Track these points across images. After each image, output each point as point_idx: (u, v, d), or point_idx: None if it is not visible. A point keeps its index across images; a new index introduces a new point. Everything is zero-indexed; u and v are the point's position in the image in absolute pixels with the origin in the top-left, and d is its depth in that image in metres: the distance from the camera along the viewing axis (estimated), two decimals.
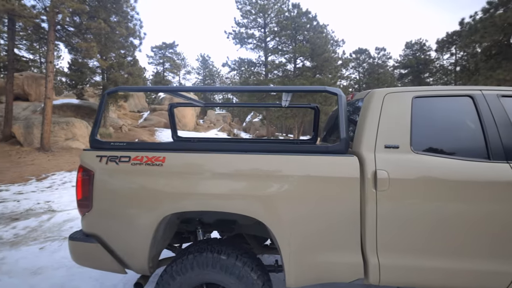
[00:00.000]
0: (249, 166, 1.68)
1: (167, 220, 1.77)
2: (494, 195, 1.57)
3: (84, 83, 18.80)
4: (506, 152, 1.63)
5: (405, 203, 1.61)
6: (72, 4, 11.04)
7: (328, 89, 1.83)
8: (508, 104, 1.73)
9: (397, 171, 1.63)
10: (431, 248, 1.61)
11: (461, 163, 1.62)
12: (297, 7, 21.02)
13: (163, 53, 38.63)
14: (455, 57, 29.03)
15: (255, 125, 32.41)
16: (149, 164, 1.74)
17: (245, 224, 2.13)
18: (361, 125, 1.79)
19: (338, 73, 22.74)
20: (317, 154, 1.68)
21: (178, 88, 2.04)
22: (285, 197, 1.65)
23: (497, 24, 10.16)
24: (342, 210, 1.64)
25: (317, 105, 3.11)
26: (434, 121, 1.76)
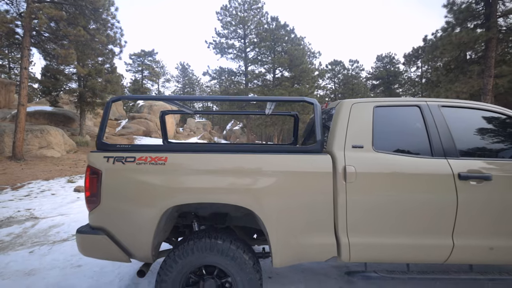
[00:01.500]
0: (242, 164, 1.98)
1: (168, 212, 2.02)
2: (435, 184, 1.98)
3: (58, 90, 18.21)
4: (445, 150, 2.06)
5: (369, 192, 1.98)
6: (50, 11, 10.89)
7: (306, 99, 2.19)
8: (447, 113, 2.18)
9: (362, 166, 2.00)
10: (390, 228, 1.98)
11: (411, 159, 2.03)
12: (275, 20, 21.88)
13: (142, 61, 38.16)
14: (421, 70, 31.33)
15: (236, 133, 32.69)
16: (153, 163, 1.99)
17: (236, 216, 2.42)
18: (333, 129, 2.16)
19: (315, 83, 23.75)
20: (298, 153, 2.02)
21: (177, 97, 2.31)
22: (272, 189, 1.96)
23: (454, 42, 11.35)
24: (318, 199, 1.97)
25: (296, 112, 3.49)
26: (390, 126, 2.17)
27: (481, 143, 2.15)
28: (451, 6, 13.04)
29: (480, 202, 1.96)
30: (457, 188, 1.95)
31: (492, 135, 2.20)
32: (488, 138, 2.18)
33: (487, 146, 2.15)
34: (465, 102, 2.24)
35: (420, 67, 31.16)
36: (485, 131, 2.19)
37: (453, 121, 2.16)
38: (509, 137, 2.21)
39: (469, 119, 2.21)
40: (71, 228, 4.26)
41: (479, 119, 2.22)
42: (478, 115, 2.22)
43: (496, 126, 2.23)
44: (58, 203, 5.89)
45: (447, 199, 1.96)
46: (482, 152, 2.12)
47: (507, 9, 11.88)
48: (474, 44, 12.33)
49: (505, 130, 2.22)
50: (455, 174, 1.97)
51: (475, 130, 2.18)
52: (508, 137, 2.21)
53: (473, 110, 2.22)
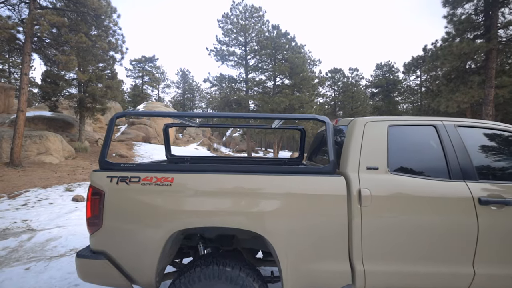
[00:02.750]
0: (252, 185, 1.89)
1: (174, 236, 1.92)
2: (454, 209, 1.89)
3: (58, 95, 18.15)
4: (463, 173, 1.98)
5: (385, 216, 1.89)
6: (52, 18, 10.89)
7: (317, 117, 2.12)
8: (463, 133, 2.11)
9: (378, 189, 1.91)
10: (408, 255, 1.88)
11: (429, 182, 1.95)
12: (276, 28, 22.03)
13: (142, 67, 38.27)
14: (420, 79, 31.51)
15: (235, 139, 32.61)
16: (158, 184, 1.90)
17: (243, 239, 2.31)
18: (346, 149, 2.08)
19: (315, 91, 23.78)
20: (311, 175, 1.93)
21: (182, 114, 2.23)
22: (282, 213, 1.87)
23: (455, 52, 11.40)
24: (332, 224, 1.88)
25: (302, 127, 3.41)
26: (405, 146, 2.09)
27: (501, 165, 2.08)
28: (451, 17, 13.17)
29: (502, 228, 1.88)
30: (478, 213, 1.87)
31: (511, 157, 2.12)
32: (508, 160, 2.10)
33: (507, 169, 2.07)
34: (483, 122, 2.16)
35: (419, 76, 31.37)
36: (504, 153, 2.11)
37: (471, 141, 2.08)
38: None
39: (486, 140, 2.13)
40: (69, 242, 4.13)
41: (497, 140, 2.14)
42: (496, 135, 2.15)
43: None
44: (56, 214, 5.75)
45: (467, 225, 1.87)
46: (502, 175, 2.04)
47: (507, 20, 11.99)
48: (474, 55, 12.41)
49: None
50: (475, 198, 1.89)
51: (493, 151, 2.10)
52: None
53: (491, 130, 2.15)
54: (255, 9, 22.53)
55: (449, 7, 13.11)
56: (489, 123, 2.17)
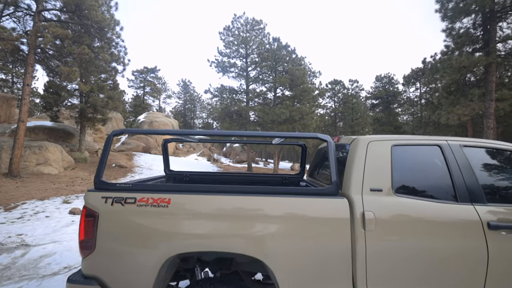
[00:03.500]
0: (251, 207, 1.83)
1: (170, 260, 1.83)
2: (462, 234, 1.81)
3: (60, 105, 18.23)
4: (471, 195, 1.91)
5: (390, 240, 1.81)
6: (56, 30, 11.05)
7: (319, 136, 2.07)
8: (469, 153, 2.05)
9: (382, 212, 1.84)
10: (414, 281, 1.79)
11: (435, 205, 1.87)
12: (277, 41, 22.33)
13: (144, 77, 38.65)
14: (420, 91, 31.71)
15: (236, 150, 32.56)
16: (154, 205, 1.83)
17: (242, 262, 2.22)
18: (349, 170, 2.02)
19: (316, 102, 23.90)
20: (313, 196, 1.87)
21: (180, 132, 2.18)
22: (283, 236, 1.79)
23: (454, 65, 11.48)
24: (335, 248, 1.80)
25: (304, 143, 3.36)
26: (410, 166, 2.03)
27: (510, 187, 2.01)
28: (449, 31, 13.33)
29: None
30: (487, 239, 1.79)
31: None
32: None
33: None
34: (489, 142, 2.11)
35: (419, 88, 31.59)
36: None
37: (477, 162, 2.02)
38: None
39: (494, 161, 2.07)
40: (63, 259, 4.01)
41: (505, 161, 2.08)
42: (504, 156, 2.09)
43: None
44: (52, 228, 5.63)
45: (477, 251, 1.79)
46: (511, 197, 1.97)
47: (505, 35, 12.12)
48: (473, 68, 12.50)
49: None
50: (484, 222, 1.81)
51: (502, 172, 2.04)
52: None
53: (498, 151, 2.09)
54: (256, 22, 22.91)
55: (447, 21, 13.30)
56: (496, 142, 2.12)
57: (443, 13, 13.24)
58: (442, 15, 13.31)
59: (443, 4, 13.26)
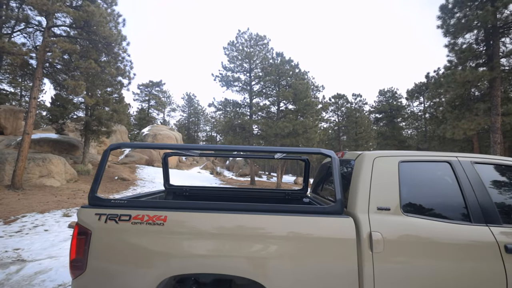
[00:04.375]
0: (252, 226, 1.73)
1: (165, 282, 1.73)
2: (478, 257, 1.69)
3: (66, 118, 18.46)
4: (485, 216, 1.79)
5: (400, 263, 1.69)
6: (64, 45, 11.32)
7: (322, 151, 1.99)
8: (482, 171, 1.95)
9: (390, 233, 1.73)
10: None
11: (447, 226, 1.76)
12: (280, 56, 22.65)
13: (149, 91, 39.24)
14: (424, 105, 31.65)
15: (239, 163, 32.42)
16: (150, 223, 1.74)
17: (242, 284, 2.10)
18: (354, 188, 1.92)
19: (319, 116, 23.91)
20: (316, 215, 1.77)
21: (179, 146, 2.12)
22: (285, 258, 1.68)
23: (458, 80, 11.45)
24: (340, 271, 1.68)
25: (307, 158, 3.28)
26: (419, 184, 1.93)
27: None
28: (452, 46, 13.39)
29: None
30: (505, 263, 1.66)
31: None
32: None
33: None
34: (502, 159, 2.01)
35: (422, 102, 31.54)
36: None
37: (491, 180, 1.92)
38: None
39: (509, 179, 1.96)
40: (59, 275, 3.88)
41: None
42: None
43: None
44: (50, 242, 5.52)
45: (494, 275, 1.66)
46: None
47: (509, 49, 12.14)
48: (478, 83, 12.45)
49: None
50: (501, 245, 1.69)
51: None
52: None
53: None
54: (260, 37, 23.35)
55: (450, 37, 13.38)
56: (509, 159, 2.02)
57: (445, 29, 13.35)
58: (444, 31, 13.42)
59: (445, 20, 13.39)
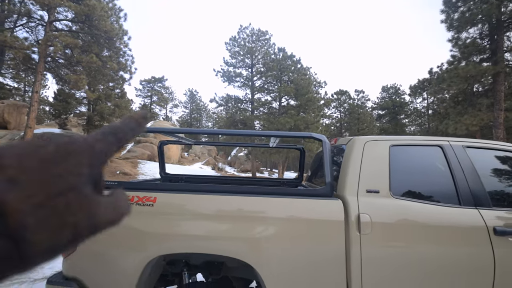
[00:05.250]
0: (239, 208, 1.74)
1: (154, 262, 1.74)
2: (466, 239, 1.68)
3: (68, 113, 18.59)
4: (475, 199, 1.79)
5: (388, 246, 1.69)
6: (66, 39, 11.36)
7: (313, 135, 1.99)
8: (473, 155, 1.94)
9: (379, 215, 1.73)
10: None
11: (436, 208, 1.75)
12: (282, 51, 22.54)
13: (151, 87, 39.31)
14: (427, 101, 31.41)
15: (240, 159, 32.47)
16: (140, 204, 1.75)
17: (232, 266, 2.11)
18: (344, 170, 1.92)
19: (321, 112, 23.83)
20: (305, 197, 1.77)
21: (174, 130, 2.13)
22: (272, 239, 1.69)
23: (461, 75, 11.34)
24: (328, 253, 1.69)
25: (302, 146, 3.27)
26: (409, 168, 1.93)
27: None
28: (456, 40, 13.25)
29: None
30: (493, 245, 1.65)
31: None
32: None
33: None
34: (494, 143, 1.99)
35: (426, 98, 31.30)
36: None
37: (482, 164, 1.90)
38: None
39: (500, 163, 1.95)
40: (57, 263, 3.94)
41: (510, 162, 1.96)
42: (510, 157, 1.96)
43: None
44: None
45: (482, 258, 1.65)
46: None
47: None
48: (481, 78, 12.32)
49: None
50: (490, 228, 1.68)
51: (509, 175, 1.91)
52: None
53: (504, 152, 1.97)
54: (262, 32, 23.23)
55: (453, 31, 13.23)
56: (501, 144, 2.00)
57: (449, 23, 13.20)
58: (448, 25, 13.26)
59: (449, 14, 13.23)
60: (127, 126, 0.27)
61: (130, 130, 0.27)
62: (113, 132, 0.26)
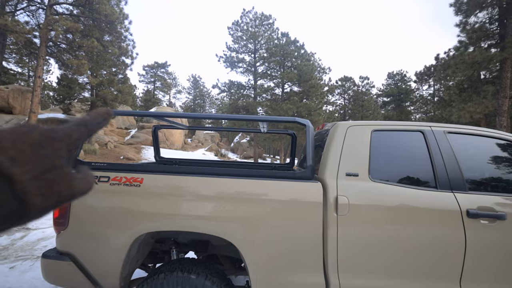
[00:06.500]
0: (222, 189, 1.81)
1: (141, 239, 1.84)
2: (440, 221, 1.74)
3: (72, 98, 18.70)
4: (451, 183, 1.83)
5: (363, 227, 1.76)
6: (67, 23, 11.29)
7: (297, 120, 2.03)
8: (453, 140, 1.97)
9: (356, 197, 1.79)
10: (387, 270, 1.74)
11: (413, 192, 1.81)
12: (286, 36, 22.12)
13: (154, 72, 39.10)
14: (433, 88, 30.83)
15: (243, 146, 32.61)
16: (127, 184, 1.84)
17: (218, 245, 2.22)
18: (326, 154, 1.97)
19: (324, 98, 23.62)
20: (285, 180, 1.83)
21: (168, 114, 2.17)
22: (253, 219, 1.77)
23: (467, 61, 11.08)
24: (306, 233, 1.76)
25: (293, 132, 3.31)
26: (390, 152, 1.97)
27: (493, 175, 1.92)
28: (463, 25, 12.85)
29: (493, 244, 1.71)
30: (466, 227, 1.71)
31: (506, 167, 1.96)
32: (502, 170, 1.94)
33: (501, 179, 1.91)
34: (475, 129, 2.01)
35: (432, 85, 30.71)
36: (497, 162, 1.95)
37: (461, 149, 1.93)
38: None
39: (479, 148, 1.98)
40: (52, 242, 4.13)
41: (490, 148, 1.99)
42: (489, 143, 1.99)
43: (510, 156, 1.99)
44: None
45: (454, 239, 1.72)
46: (495, 186, 1.88)
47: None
48: (488, 64, 12.02)
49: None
50: (463, 211, 1.73)
51: (486, 160, 1.95)
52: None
53: (484, 138, 2.00)
54: (265, 16, 22.74)
55: (461, 16, 12.81)
56: (483, 130, 2.02)
57: (457, 7, 12.76)
58: (456, 9, 12.84)
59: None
60: (95, 120, 0.34)
61: (97, 124, 0.34)
62: (84, 124, 0.32)
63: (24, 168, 0.25)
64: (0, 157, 0.24)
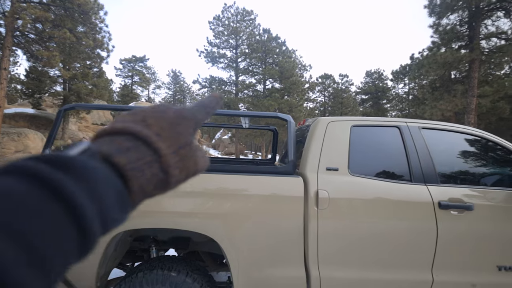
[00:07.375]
0: (202, 184, 1.78)
1: (118, 238, 1.78)
2: (414, 213, 1.82)
3: (42, 92, 17.66)
4: (425, 176, 1.92)
5: (343, 220, 1.81)
6: (35, 12, 10.60)
7: (279, 115, 2.04)
8: (427, 135, 2.05)
9: (336, 191, 1.83)
10: (366, 261, 1.80)
11: (389, 185, 1.87)
12: (267, 32, 22.12)
13: (132, 66, 37.79)
14: (408, 87, 32.16)
15: (225, 142, 32.43)
16: None
17: (200, 242, 2.19)
18: (307, 149, 1.99)
19: (305, 95, 23.95)
20: (267, 175, 1.83)
21: (126, 108, 2.10)
22: (234, 214, 1.76)
23: (439, 61, 11.63)
24: (287, 227, 1.78)
25: (275, 127, 3.32)
26: (368, 147, 2.02)
27: (463, 168, 2.03)
28: (436, 27, 13.46)
29: (461, 233, 1.81)
30: (437, 217, 1.80)
31: (474, 161, 2.08)
32: (470, 164, 2.05)
33: (469, 173, 2.02)
34: (447, 125, 2.12)
35: (407, 84, 32.02)
36: (467, 156, 2.07)
37: (434, 144, 2.02)
38: (491, 163, 2.10)
39: (450, 143, 2.09)
40: None
41: (461, 143, 2.10)
42: (460, 138, 2.10)
43: (478, 151, 2.12)
44: None
45: (427, 229, 1.80)
46: (464, 178, 1.99)
47: (489, 32, 12.32)
48: (458, 64, 12.70)
49: (487, 155, 2.12)
50: (435, 202, 1.82)
51: (456, 154, 2.06)
52: (490, 163, 2.09)
53: (455, 133, 2.10)
54: (247, 12, 22.59)
55: (435, 17, 13.41)
56: (455, 126, 2.13)
57: (431, 8, 13.33)
58: (430, 10, 13.41)
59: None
60: (211, 104, 0.37)
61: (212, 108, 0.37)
62: (205, 106, 0.36)
63: (166, 143, 0.27)
64: (149, 131, 0.27)
